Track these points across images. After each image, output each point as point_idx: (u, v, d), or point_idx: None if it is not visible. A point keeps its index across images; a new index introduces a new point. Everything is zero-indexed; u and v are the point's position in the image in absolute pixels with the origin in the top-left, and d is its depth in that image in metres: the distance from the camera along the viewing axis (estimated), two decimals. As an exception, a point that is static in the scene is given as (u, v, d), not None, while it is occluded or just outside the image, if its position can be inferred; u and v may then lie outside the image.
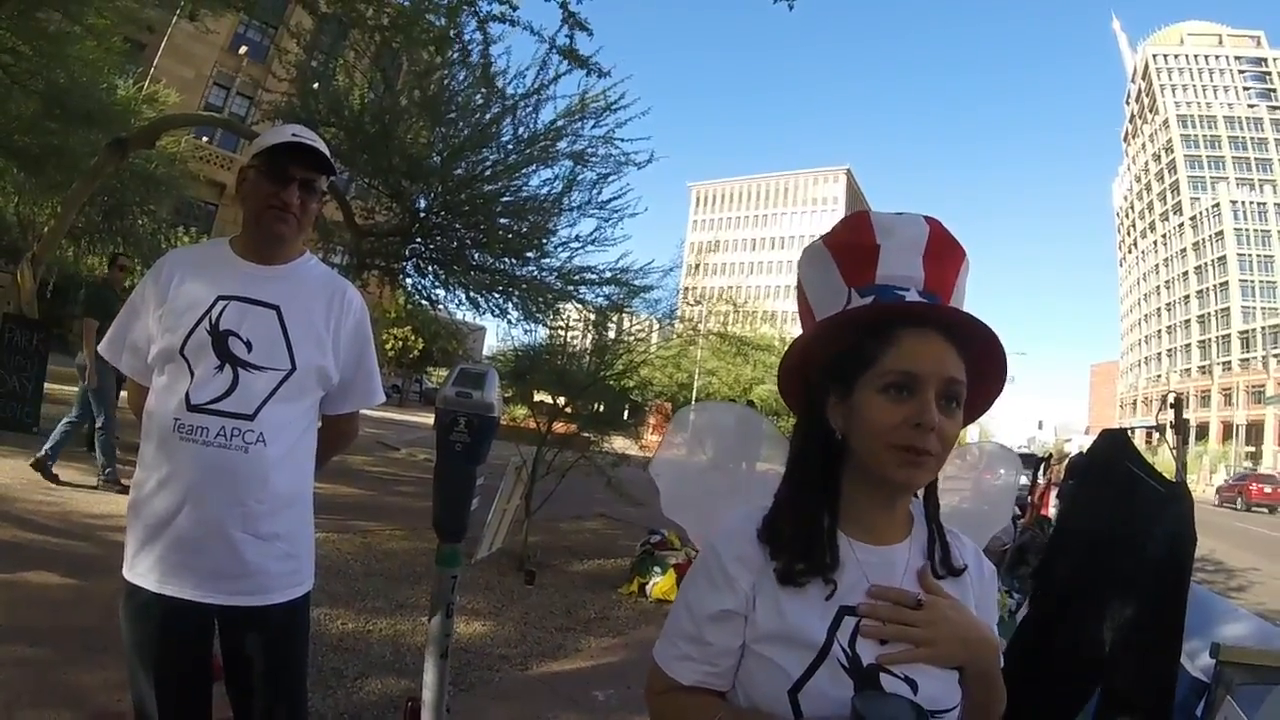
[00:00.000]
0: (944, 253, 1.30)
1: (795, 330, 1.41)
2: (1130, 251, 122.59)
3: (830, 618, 1.14)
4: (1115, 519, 2.77)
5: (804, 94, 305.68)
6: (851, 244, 1.32)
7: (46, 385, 10.32)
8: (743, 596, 1.17)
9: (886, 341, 1.16)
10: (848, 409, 1.19)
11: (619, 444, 8.86)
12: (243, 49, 37.92)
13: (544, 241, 11.92)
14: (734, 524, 1.25)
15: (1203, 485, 51.63)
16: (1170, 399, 4.10)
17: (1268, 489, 37.30)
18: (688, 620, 1.21)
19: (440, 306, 13.92)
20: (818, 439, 1.23)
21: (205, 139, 35.92)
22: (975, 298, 1.36)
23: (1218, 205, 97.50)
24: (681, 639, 1.21)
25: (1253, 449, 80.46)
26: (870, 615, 1.14)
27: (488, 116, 10.88)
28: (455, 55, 10.39)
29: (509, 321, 12.58)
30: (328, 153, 2.10)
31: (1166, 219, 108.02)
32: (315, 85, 11.50)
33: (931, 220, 1.31)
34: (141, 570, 1.92)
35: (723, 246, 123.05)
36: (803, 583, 1.15)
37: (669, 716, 1.25)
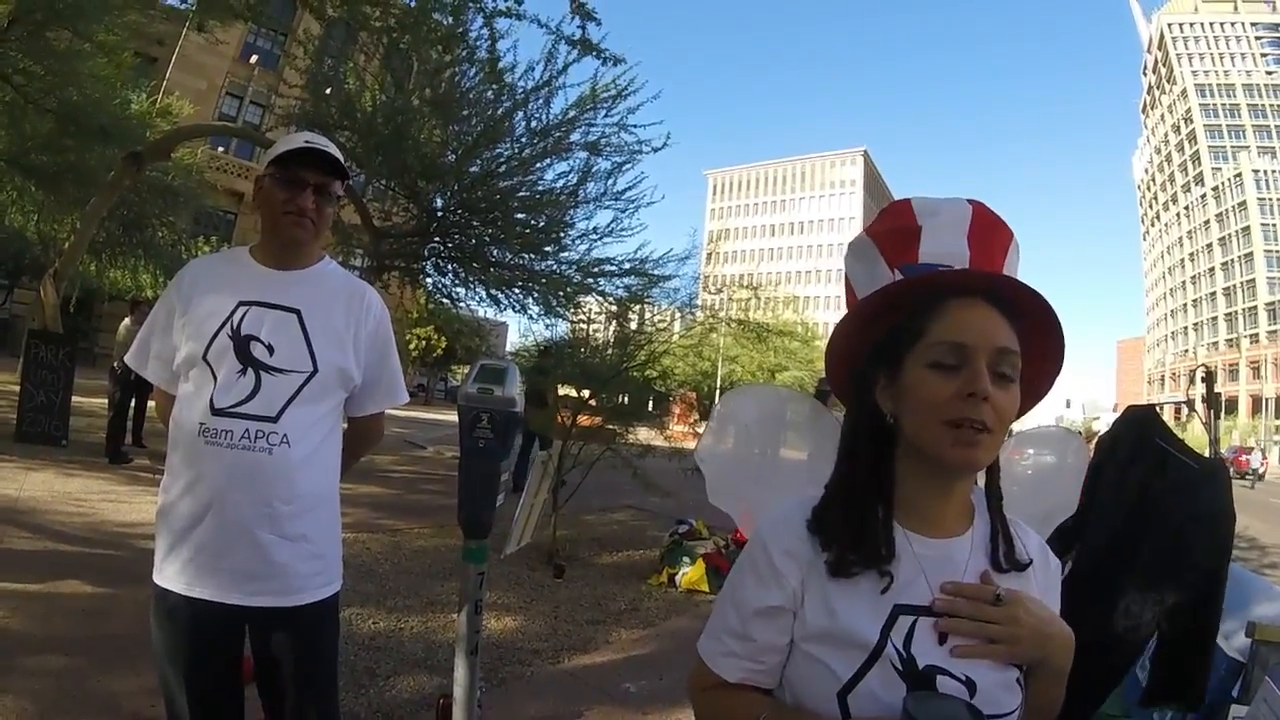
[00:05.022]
0: (989, 233, 1.27)
1: (818, 315, 1.38)
2: (1153, 225, 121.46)
3: (884, 616, 1.09)
4: (1149, 500, 2.71)
5: (818, 77, 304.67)
6: (894, 229, 1.30)
7: (73, 398, 10.40)
8: (790, 592, 1.13)
9: (932, 314, 1.12)
10: (897, 390, 1.14)
11: (644, 435, 8.86)
12: (253, 58, 38.06)
13: (561, 235, 11.94)
14: (783, 516, 1.20)
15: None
16: (1201, 373, 4.04)
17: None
18: (734, 616, 1.18)
19: (461, 304, 13.97)
20: (868, 424, 1.18)
21: (221, 149, 36.15)
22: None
23: (1240, 175, 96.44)
24: (727, 635, 1.18)
25: (1282, 422, 79.53)
26: (948, 611, 1.09)
27: (499, 112, 10.88)
28: (463, 53, 10.40)
29: (530, 317, 12.64)
30: (341, 157, 2.12)
31: (1188, 190, 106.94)
32: (327, 90, 11.55)
33: (975, 202, 1.29)
34: (170, 574, 1.93)
35: (741, 233, 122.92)
36: (855, 574, 1.11)
37: (713, 713, 1.22)
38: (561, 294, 12.28)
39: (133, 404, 10.12)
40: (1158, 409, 3.12)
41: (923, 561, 1.13)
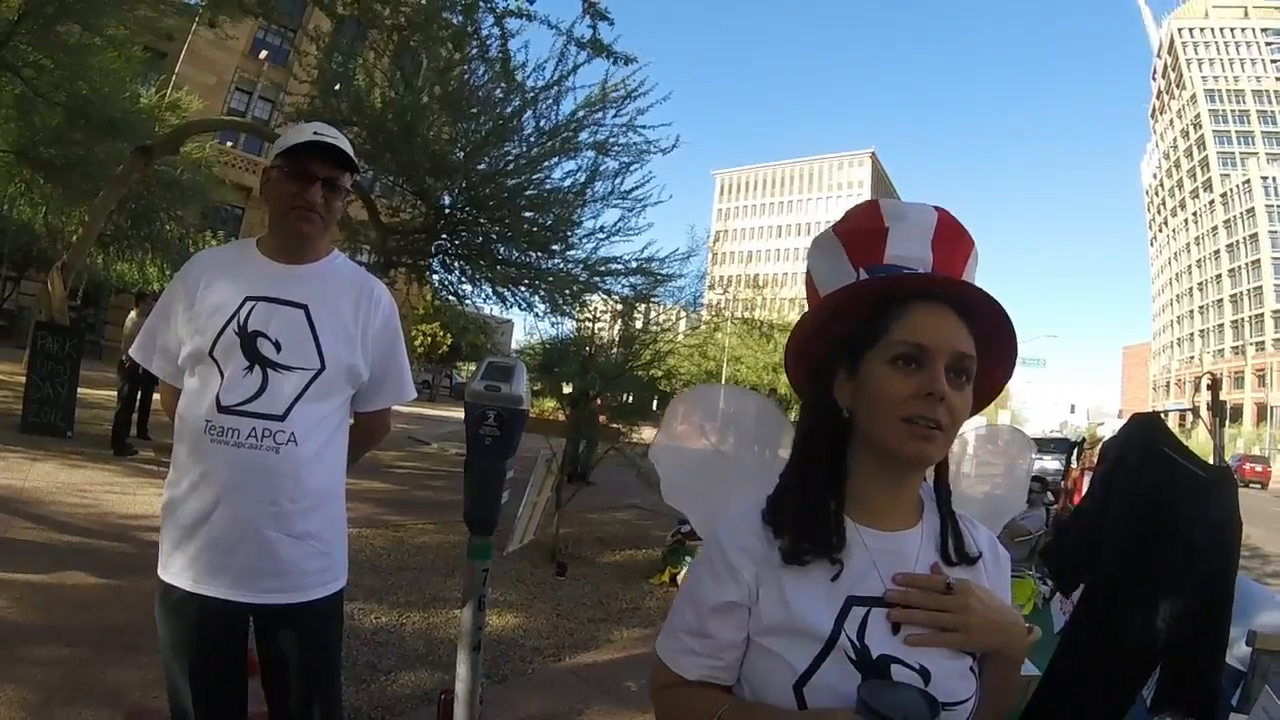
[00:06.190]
0: (953, 240, 1.29)
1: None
2: (1161, 231, 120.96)
3: (837, 608, 1.11)
4: (1156, 508, 2.70)
5: (827, 78, 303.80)
6: (860, 229, 1.32)
7: (79, 390, 10.43)
8: (746, 588, 1.15)
9: (895, 315, 1.15)
10: (855, 385, 1.18)
11: (648, 434, 8.87)
12: (263, 53, 37.94)
13: (568, 233, 11.96)
14: (737, 514, 1.23)
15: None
16: (1207, 380, 4.02)
17: (1258, 468, 45.17)
18: (691, 614, 1.19)
19: (467, 301, 14.02)
20: (825, 418, 1.21)
21: (229, 143, 36.09)
22: (1006, 280, 1.35)
23: (1248, 181, 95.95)
24: (685, 633, 1.20)
25: (1288, 430, 79.21)
26: (900, 602, 1.12)
27: (509, 110, 10.90)
28: (473, 51, 10.41)
29: (536, 315, 12.66)
30: (350, 150, 2.09)
31: (1196, 196, 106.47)
32: (337, 86, 11.56)
33: (941, 209, 1.31)
34: (176, 570, 1.93)
35: (748, 233, 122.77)
36: (807, 562, 1.13)
37: (673, 712, 1.23)
38: (568, 292, 12.31)
39: (139, 396, 10.15)
40: (1162, 415, 3.12)
41: (874, 554, 1.16)
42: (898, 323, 1.15)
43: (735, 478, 1.66)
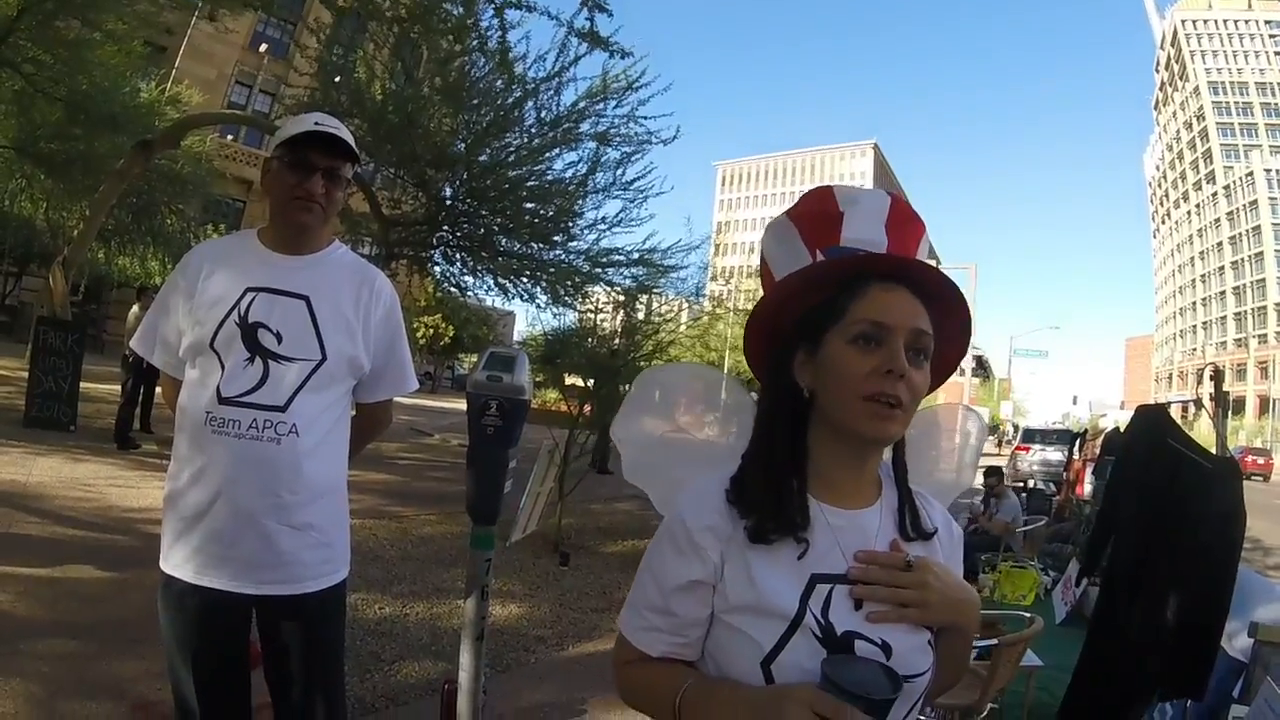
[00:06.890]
0: (905, 223, 1.31)
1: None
2: (1164, 223, 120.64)
3: (802, 586, 1.12)
4: (1168, 500, 2.70)
5: (830, 70, 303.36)
6: (815, 213, 1.34)
7: (81, 384, 10.45)
8: (711, 566, 1.15)
9: (854, 294, 1.17)
10: (816, 364, 1.18)
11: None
12: (263, 46, 37.89)
13: (570, 224, 11.97)
14: (701, 491, 1.23)
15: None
16: (1210, 372, 4.02)
17: (1260, 460, 44.77)
18: (654, 591, 1.20)
19: (469, 293, 14.02)
20: (785, 398, 1.22)
21: (230, 137, 36.12)
22: (1008, 272, 1.34)
23: (1251, 174, 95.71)
24: (648, 610, 1.20)
25: (1290, 422, 79.08)
26: (862, 579, 1.13)
27: (509, 101, 10.88)
28: (474, 43, 10.39)
29: (538, 306, 12.66)
30: (351, 140, 2.08)
31: (1199, 188, 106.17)
32: (337, 79, 11.54)
33: (893, 194, 1.34)
34: (178, 561, 1.93)
35: (751, 224, 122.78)
36: (773, 541, 1.14)
37: (636, 687, 1.24)
38: (569, 283, 12.32)
39: (142, 390, 10.16)
40: (1166, 407, 3.12)
41: (836, 532, 1.17)
42: (856, 303, 1.16)
43: (696, 457, 1.67)
